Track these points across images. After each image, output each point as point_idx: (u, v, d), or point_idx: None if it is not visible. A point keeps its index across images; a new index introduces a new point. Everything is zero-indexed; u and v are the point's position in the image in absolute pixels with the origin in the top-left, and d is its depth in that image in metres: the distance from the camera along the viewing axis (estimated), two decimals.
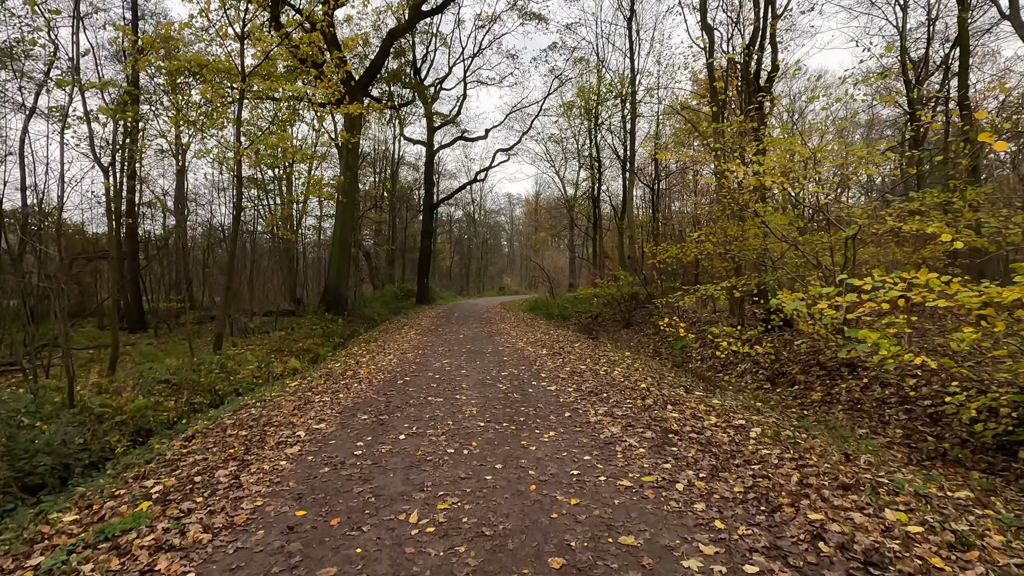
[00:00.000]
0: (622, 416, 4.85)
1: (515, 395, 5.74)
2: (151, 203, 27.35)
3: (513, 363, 7.92)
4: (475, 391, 5.98)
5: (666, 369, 8.63)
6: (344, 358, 9.82)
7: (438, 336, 11.80)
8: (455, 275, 46.78)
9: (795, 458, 3.78)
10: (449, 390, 6.05)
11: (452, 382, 6.52)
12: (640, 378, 6.85)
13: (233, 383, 8.74)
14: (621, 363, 8.17)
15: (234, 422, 5.14)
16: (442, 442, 4.08)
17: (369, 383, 6.62)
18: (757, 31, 15.23)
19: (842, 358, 6.77)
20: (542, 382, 6.43)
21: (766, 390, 7.68)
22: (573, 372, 7.12)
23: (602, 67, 21.11)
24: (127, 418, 6.10)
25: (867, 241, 7.90)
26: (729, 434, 4.38)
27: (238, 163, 11.35)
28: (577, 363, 7.92)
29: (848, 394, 6.57)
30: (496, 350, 9.36)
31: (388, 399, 5.68)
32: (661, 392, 5.96)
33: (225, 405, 6.94)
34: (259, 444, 4.21)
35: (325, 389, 6.42)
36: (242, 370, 9.59)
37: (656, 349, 11.62)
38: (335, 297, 17.68)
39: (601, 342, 12.41)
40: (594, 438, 4.18)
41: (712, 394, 6.44)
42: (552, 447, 3.96)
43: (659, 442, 4.08)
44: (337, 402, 5.62)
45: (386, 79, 22.32)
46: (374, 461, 3.69)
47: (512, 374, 6.99)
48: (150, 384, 7.64)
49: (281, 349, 12.75)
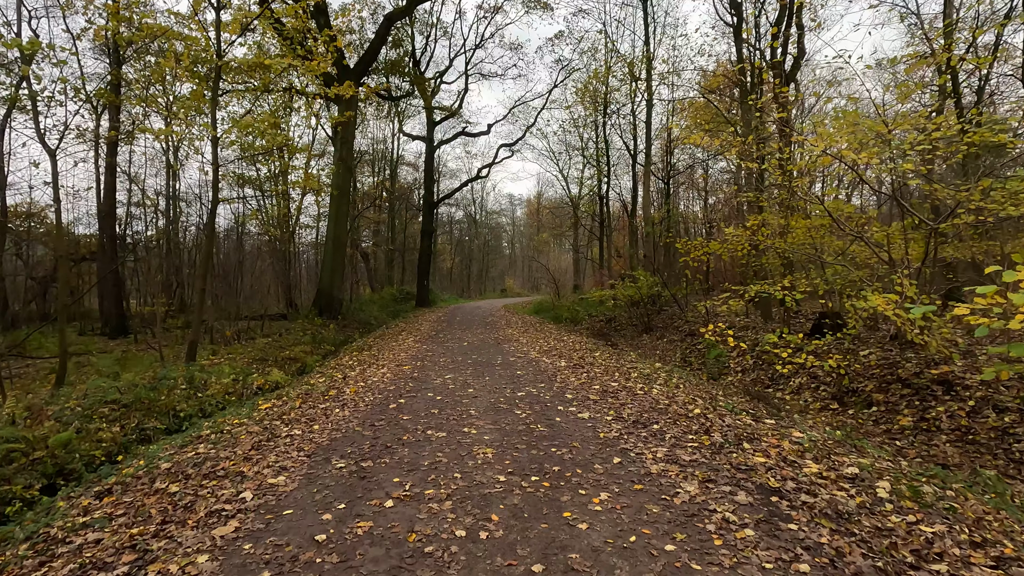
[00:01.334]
0: (691, 462, 3.56)
1: (540, 427, 4.45)
2: (139, 203, 26.14)
3: (530, 379, 6.63)
4: (487, 420, 4.69)
5: (710, 385, 7.34)
6: (331, 370, 8.54)
7: (439, 344, 10.52)
8: (456, 277, 45.52)
9: (975, 541, 2.50)
10: (454, 419, 4.77)
11: (457, 406, 5.23)
12: (687, 399, 5.56)
13: (200, 401, 7.46)
14: (656, 378, 6.89)
15: (170, 467, 3.86)
16: (447, 514, 2.79)
17: (355, 407, 5.34)
18: (784, 10, 14.04)
19: (947, 374, 5.48)
20: (570, 406, 5.15)
21: (834, 411, 6.39)
22: (604, 391, 5.83)
23: (613, 48, 19.78)
24: (46, 455, 4.83)
25: (950, 233, 6.61)
26: (849, 492, 3.10)
27: (214, 149, 10.09)
28: (605, 378, 6.63)
29: (951, 420, 5.28)
30: (507, 361, 8.08)
31: (375, 432, 4.39)
32: (722, 420, 4.67)
33: (180, 434, 5.66)
34: (184, 514, 2.93)
35: (299, 416, 5.13)
36: (214, 384, 8.30)
37: (684, 357, 10.32)
38: (328, 300, 16.40)
39: (622, 350, 11.12)
40: (667, 505, 2.90)
41: (784, 420, 5.16)
42: (610, 524, 2.68)
43: (764, 512, 2.80)
44: (310, 438, 4.33)
45: (384, 70, 21.09)
46: (343, 556, 2.40)
47: (531, 394, 5.70)
48: (94, 405, 6.36)
49: (265, 358, 11.45)
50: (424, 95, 23.41)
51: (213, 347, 12.44)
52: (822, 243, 7.80)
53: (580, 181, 30.24)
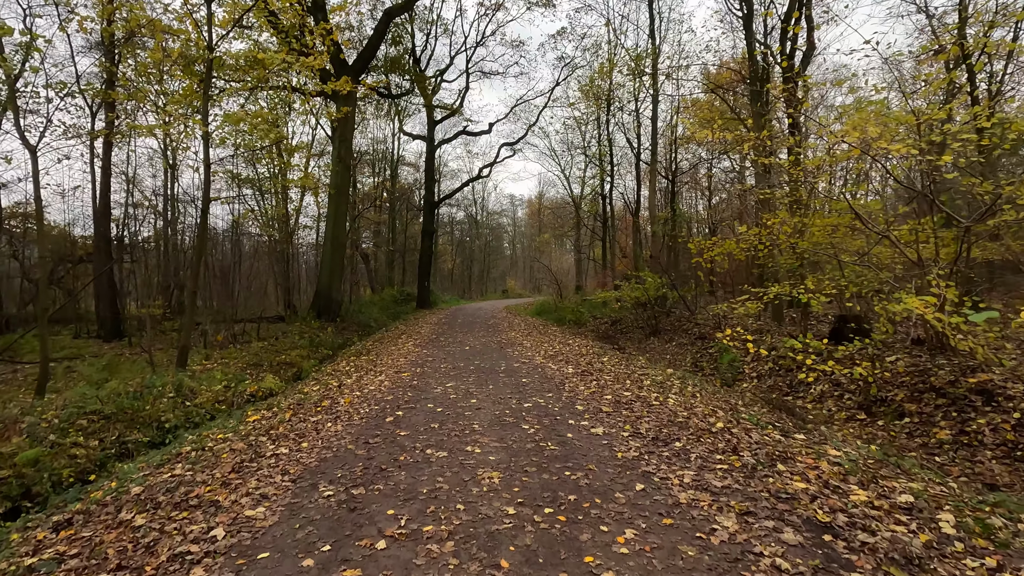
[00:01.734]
0: (723, 488, 3.16)
1: (550, 445, 4.05)
2: (138, 203, 25.86)
3: (536, 387, 6.23)
4: (492, 436, 4.29)
5: (727, 393, 6.93)
6: (327, 377, 8.15)
7: (440, 348, 10.12)
8: (457, 278, 45.12)
9: None
10: (456, 435, 4.37)
11: (459, 420, 4.83)
12: (707, 410, 5.16)
13: (187, 411, 7.07)
14: (670, 385, 6.49)
15: (141, 492, 3.47)
16: (448, 559, 2.39)
17: (348, 421, 4.94)
18: (794, 2, 13.65)
19: (985, 382, 5.07)
20: (582, 420, 4.75)
21: (862, 422, 5.97)
22: (618, 402, 5.43)
23: (617, 43, 19.35)
24: (12, 474, 4.44)
25: (984, 232, 6.19)
26: (910, 527, 2.69)
27: (206, 146, 9.72)
28: (616, 387, 6.23)
29: (995, 434, 4.87)
30: (510, 367, 7.68)
31: (369, 452, 3.99)
32: (749, 436, 4.27)
33: (160, 449, 5.28)
34: (143, 557, 2.53)
35: (288, 431, 4.74)
36: (204, 392, 7.92)
37: (695, 362, 9.91)
38: (326, 302, 16.01)
39: (630, 354, 10.71)
40: (704, 546, 2.50)
41: (814, 433, 4.75)
42: (640, 572, 2.28)
43: (820, 557, 2.39)
44: (297, 458, 3.94)
45: (384, 67, 20.71)
46: None
47: (538, 405, 5.30)
48: (72, 417, 5.96)
49: (260, 363, 11.08)
50: (424, 93, 23.04)
51: (207, 351, 12.06)
52: (841, 243, 7.39)
53: (582, 180, 29.87)
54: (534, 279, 49.72)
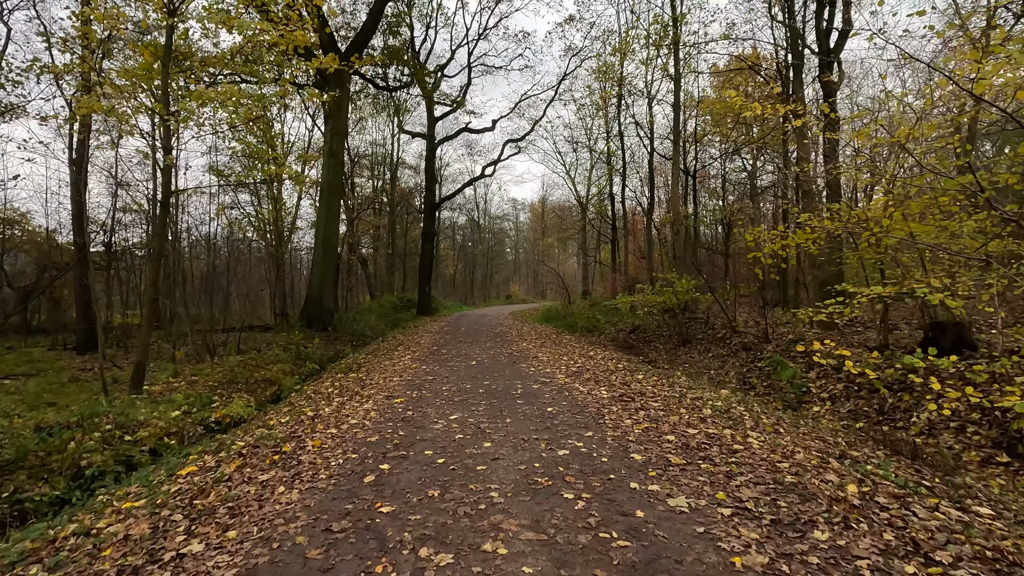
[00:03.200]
0: None
1: (614, 534, 2.57)
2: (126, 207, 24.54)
3: (567, 421, 4.74)
4: (522, 517, 2.81)
5: (803, 420, 5.42)
6: (303, 402, 6.69)
7: (442, 363, 8.65)
8: (459, 283, 43.70)
9: None
10: (466, 512, 2.89)
11: (470, 481, 3.36)
12: (812, 458, 3.68)
13: (123, 449, 5.60)
14: (737, 415, 5.00)
15: None
16: None
17: (311, 481, 3.47)
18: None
19: None
20: (648, 481, 3.26)
21: (1008, 467, 4.47)
22: (686, 446, 3.94)
23: (634, 17, 17.85)
24: None
25: None
26: None
27: (166, 131, 8.33)
28: (672, 418, 4.74)
29: None
30: (529, 389, 6.19)
31: (328, 553, 2.51)
32: (913, 513, 2.80)
33: (39, 524, 3.82)
34: None
35: (219, 501, 3.26)
36: (155, 422, 6.43)
37: (743, 378, 8.41)
38: (317, 310, 14.57)
39: (662, 367, 9.22)
40: None
41: (987, 499, 3.26)
42: None
43: None
44: (211, 563, 2.46)
45: (381, 57, 19.39)
46: None
47: (578, 452, 3.81)
48: None
49: (235, 380, 9.62)
50: (423, 86, 21.71)
51: (175, 367, 10.61)
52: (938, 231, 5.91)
53: (588, 180, 28.47)
54: (539, 284, 48.30)
